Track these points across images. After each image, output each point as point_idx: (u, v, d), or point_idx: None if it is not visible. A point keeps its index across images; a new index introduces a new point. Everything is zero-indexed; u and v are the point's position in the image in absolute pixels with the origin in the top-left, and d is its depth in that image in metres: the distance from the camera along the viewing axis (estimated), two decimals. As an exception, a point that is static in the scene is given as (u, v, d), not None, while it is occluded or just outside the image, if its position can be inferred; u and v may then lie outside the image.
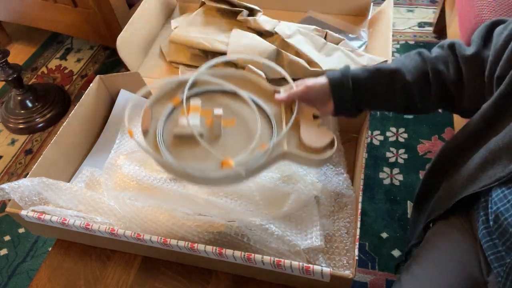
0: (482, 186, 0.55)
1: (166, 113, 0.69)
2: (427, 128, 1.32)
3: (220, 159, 0.60)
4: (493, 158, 0.55)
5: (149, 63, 1.07)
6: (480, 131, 0.59)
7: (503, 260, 0.52)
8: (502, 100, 0.55)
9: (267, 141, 0.65)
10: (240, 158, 0.61)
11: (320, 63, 0.88)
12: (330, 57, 0.90)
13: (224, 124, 0.67)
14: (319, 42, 0.92)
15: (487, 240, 0.55)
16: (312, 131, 0.66)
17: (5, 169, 1.41)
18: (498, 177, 0.53)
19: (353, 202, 0.72)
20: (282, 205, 0.70)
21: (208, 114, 0.68)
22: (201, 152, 0.63)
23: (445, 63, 0.63)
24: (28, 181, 0.69)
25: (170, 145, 0.65)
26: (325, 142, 0.65)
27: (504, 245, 0.52)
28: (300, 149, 0.65)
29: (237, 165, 0.60)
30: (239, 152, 0.63)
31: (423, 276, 0.59)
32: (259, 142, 0.64)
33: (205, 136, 0.66)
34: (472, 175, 0.58)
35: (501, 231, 0.52)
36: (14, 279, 1.13)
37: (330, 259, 0.64)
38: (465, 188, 0.58)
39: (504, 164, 0.53)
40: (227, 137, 0.66)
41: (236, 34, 0.96)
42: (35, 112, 1.52)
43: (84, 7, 1.43)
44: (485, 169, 0.56)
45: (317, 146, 0.64)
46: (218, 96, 0.72)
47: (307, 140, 0.65)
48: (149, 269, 0.71)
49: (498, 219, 0.53)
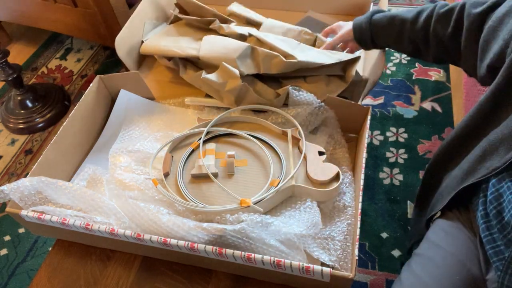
0: (479, 177, 0.56)
1: (185, 157, 0.78)
2: (427, 128, 1.33)
3: (235, 196, 0.68)
4: (491, 150, 0.56)
5: (149, 63, 1.07)
6: (479, 124, 0.60)
7: (502, 255, 0.52)
8: (499, 92, 0.56)
9: (277, 177, 0.72)
10: (256, 197, 0.68)
11: (295, 55, 0.86)
12: (304, 52, 0.89)
13: (237, 164, 0.75)
14: (293, 43, 0.91)
15: (486, 235, 0.55)
16: (318, 166, 0.72)
17: (5, 169, 1.41)
18: (495, 167, 0.54)
19: (353, 202, 0.72)
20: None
21: (222, 156, 0.77)
22: (216, 189, 0.72)
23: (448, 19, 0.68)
24: (27, 181, 0.69)
25: (189, 184, 0.74)
26: (330, 176, 0.70)
27: (503, 239, 0.53)
28: (308, 182, 0.71)
29: (253, 202, 0.67)
30: (250, 187, 0.72)
31: (423, 274, 0.59)
32: (271, 180, 0.71)
33: (220, 175, 0.74)
34: (471, 167, 0.59)
35: (502, 224, 0.53)
36: (14, 279, 1.13)
37: (331, 260, 0.64)
38: (464, 180, 0.59)
39: (501, 155, 0.54)
40: (240, 175, 0.75)
41: (207, 38, 0.95)
42: (35, 112, 1.52)
43: (84, 7, 1.43)
44: (484, 161, 0.57)
45: (323, 179, 0.70)
46: (231, 138, 0.82)
47: (313, 174, 0.71)
48: (149, 269, 0.71)
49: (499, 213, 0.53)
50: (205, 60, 0.91)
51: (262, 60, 0.87)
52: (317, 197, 0.71)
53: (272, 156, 0.76)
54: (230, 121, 0.84)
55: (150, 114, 0.91)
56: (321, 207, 0.71)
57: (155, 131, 0.87)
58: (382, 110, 1.39)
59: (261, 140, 0.79)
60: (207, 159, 0.76)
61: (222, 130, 0.81)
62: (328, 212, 0.72)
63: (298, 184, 0.70)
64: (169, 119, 0.90)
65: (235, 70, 0.85)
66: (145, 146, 0.81)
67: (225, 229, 0.61)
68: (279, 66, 0.86)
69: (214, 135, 0.82)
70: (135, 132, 0.87)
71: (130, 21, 1.00)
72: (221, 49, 0.90)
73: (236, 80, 0.84)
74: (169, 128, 0.87)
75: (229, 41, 0.92)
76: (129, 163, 0.77)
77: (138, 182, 0.73)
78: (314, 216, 0.67)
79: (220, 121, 0.83)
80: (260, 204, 0.68)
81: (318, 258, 0.64)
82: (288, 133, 0.79)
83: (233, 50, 0.88)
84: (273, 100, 0.84)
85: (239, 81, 0.84)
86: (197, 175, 0.74)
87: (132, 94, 0.92)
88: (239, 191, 0.71)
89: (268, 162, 0.75)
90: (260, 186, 0.71)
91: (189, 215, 0.69)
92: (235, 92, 0.85)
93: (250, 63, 0.89)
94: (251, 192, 0.70)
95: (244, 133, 0.79)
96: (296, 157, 0.75)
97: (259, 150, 0.77)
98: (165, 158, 0.77)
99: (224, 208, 0.67)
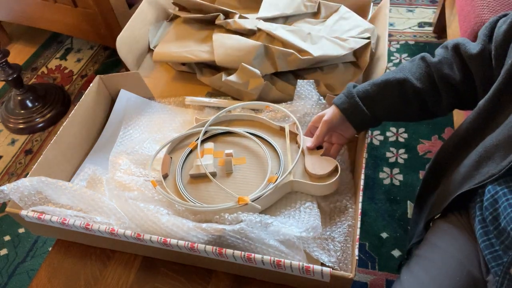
0: (476, 183, 0.56)
1: (183, 157, 0.78)
2: (427, 128, 1.33)
3: (233, 195, 0.67)
4: (487, 156, 0.55)
5: (149, 63, 1.07)
6: (477, 129, 0.59)
7: (500, 260, 0.52)
8: (496, 97, 0.55)
9: (275, 173, 0.72)
10: (254, 194, 0.68)
11: (309, 50, 0.87)
12: (316, 44, 0.90)
13: (235, 162, 0.75)
14: (302, 33, 0.91)
15: (483, 240, 0.55)
16: (316, 160, 0.71)
17: (5, 169, 1.41)
18: (491, 173, 0.54)
19: (353, 202, 0.72)
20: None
21: (220, 154, 0.77)
22: (214, 188, 0.72)
23: (450, 66, 0.64)
24: (27, 181, 0.69)
25: (188, 184, 0.74)
26: (328, 169, 0.69)
27: (500, 244, 0.52)
28: (306, 177, 0.70)
29: (251, 200, 0.66)
30: (248, 185, 0.71)
31: (423, 276, 0.59)
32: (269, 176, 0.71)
33: (218, 174, 0.74)
34: (468, 172, 0.58)
35: (499, 230, 0.53)
36: (14, 279, 1.13)
37: (330, 262, 0.64)
38: (461, 185, 0.59)
39: (497, 162, 0.54)
40: (238, 173, 0.74)
41: (218, 39, 0.94)
42: (35, 112, 1.52)
43: (84, 7, 1.43)
44: (480, 167, 0.56)
45: (321, 173, 0.69)
46: (230, 137, 0.81)
47: (311, 169, 0.70)
48: (149, 269, 0.71)
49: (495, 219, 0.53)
50: (222, 65, 0.92)
51: (278, 58, 0.88)
52: (316, 191, 0.70)
53: (270, 153, 0.75)
54: (228, 119, 0.84)
55: (150, 114, 0.91)
56: (322, 205, 0.71)
57: (154, 132, 0.87)
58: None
59: (259, 137, 0.78)
60: (205, 159, 0.75)
61: (219, 128, 0.81)
62: (329, 212, 0.72)
63: (296, 179, 0.70)
64: (169, 119, 0.90)
65: (256, 70, 0.86)
66: (144, 148, 0.81)
67: (224, 230, 0.61)
68: (295, 63, 0.88)
69: (212, 134, 0.81)
70: (134, 132, 0.87)
71: (131, 21, 1.00)
72: (236, 52, 0.90)
73: (258, 79, 0.85)
74: (169, 128, 0.87)
75: (241, 42, 0.92)
76: (129, 166, 0.77)
77: (138, 183, 0.73)
78: (315, 219, 0.66)
79: (218, 120, 0.83)
80: (259, 201, 0.68)
81: (318, 258, 0.64)
82: (285, 128, 0.78)
83: (248, 51, 0.89)
84: (293, 95, 0.85)
85: (262, 80, 0.85)
86: (196, 175, 0.74)
87: (132, 94, 0.92)
88: (237, 189, 0.71)
89: (266, 159, 0.74)
90: (258, 183, 0.71)
91: (188, 216, 0.69)
92: (257, 90, 0.86)
93: (267, 62, 0.89)
94: (250, 190, 0.70)
95: (242, 131, 0.79)
96: (294, 152, 0.75)
97: (257, 147, 0.77)
98: (164, 159, 0.77)
99: (222, 206, 0.67)
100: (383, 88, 0.67)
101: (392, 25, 1.68)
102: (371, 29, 0.93)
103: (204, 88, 0.97)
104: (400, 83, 0.66)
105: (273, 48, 0.88)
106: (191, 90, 0.96)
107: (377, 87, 0.67)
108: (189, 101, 0.92)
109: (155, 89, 0.96)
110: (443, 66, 0.64)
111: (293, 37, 0.90)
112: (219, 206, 0.67)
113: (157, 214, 0.65)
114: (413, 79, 0.65)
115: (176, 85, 1.00)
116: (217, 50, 0.92)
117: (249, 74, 0.86)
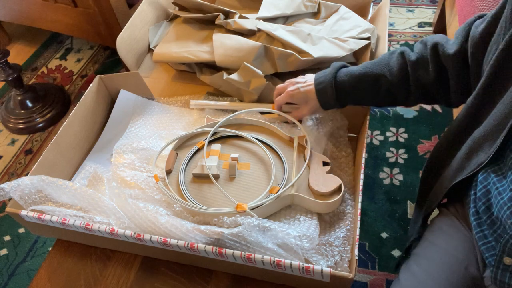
0: (467, 173, 0.57)
1: (189, 155, 0.77)
2: (427, 128, 1.33)
3: (232, 200, 0.67)
4: (476, 147, 0.57)
5: (149, 63, 1.07)
6: (466, 124, 0.61)
7: (494, 250, 0.53)
8: (483, 92, 0.57)
9: (278, 184, 0.71)
10: (254, 202, 0.67)
11: (309, 51, 0.87)
12: (317, 45, 0.90)
13: (239, 167, 0.75)
14: (302, 34, 0.91)
15: (477, 232, 0.56)
16: (320, 177, 0.70)
17: (5, 169, 1.41)
18: (480, 162, 0.55)
19: (353, 202, 0.72)
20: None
21: (226, 157, 0.76)
22: (215, 190, 0.72)
23: (426, 66, 0.66)
24: (27, 179, 0.69)
25: (190, 183, 0.74)
26: (331, 188, 0.68)
27: (493, 234, 0.53)
28: (308, 193, 0.69)
29: (250, 208, 0.66)
30: (249, 192, 0.71)
31: (421, 274, 0.59)
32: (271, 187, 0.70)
33: (221, 177, 0.74)
34: (459, 165, 0.60)
35: (492, 220, 0.54)
36: (14, 279, 1.13)
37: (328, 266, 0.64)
38: (453, 177, 0.60)
39: (485, 151, 0.55)
40: (241, 178, 0.74)
41: (218, 39, 0.94)
42: (35, 112, 1.52)
43: (84, 7, 1.43)
44: (471, 157, 0.58)
45: (324, 191, 0.68)
46: (238, 141, 0.80)
47: (314, 185, 0.69)
48: (149, 269, 0.71)
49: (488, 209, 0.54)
50: (222, 65, 0.91)
51: (278, 59, 0.88)
52: (316, 208, 0.69)
53: (275, 162, 0.74)
54: (239, 123, 0.83)
55: (150, 114, 0.91)
56: (321, 214, 0.71)
57: (161, 129, 0.87)
58: (382, 110, 1.39)
59: (267, 145, 0.77)
60: (210, 160, 0.75)
61: (229, 131, 0.80)
62: (328, 219, 0.71)
63: (298, 193, 0.69)
64: (169, 119, 0.90)
65: (258, 70, 0.86)
66: (150, 143, 0.80)
67: (223, 233, 0.61)
68: (295, 64, 0.88)
69: (221, 136, 0.81)
70: (141, 129, 0.87)
71: (131, 21, 1.00)
72: (236, 53, 0.90)
73: (260, 79, 0.85)
74: (175, 126, 0.87)
75: (241, 42, 0.92)
76: (133, 160, 0.77)
77: (140, 180, 0.73)
78: (315, 230, 0.66)
79: (228, 122, 0.82)
80: (257, 210, 0.67)
81: (316, 264, 0.63)
82: (294, 140, 0.77)
83: (248, 52, 0.89)
84: None
85: (264, 80, 0.85)
86: (199, 175, 0.74)
87: (132, 94, 0.92)
88: (238, 195, 0.70)
89: (271, 168, 0.73)
90: (260, 191, 0.70)
91: (187, 216, 0.69)
92: (259, 90, 0.86)
93: (267, 63, 0.89)
94: (251, 197, 0.69)
95: (251, 136, 0.78)
96: (299, 165, 0.73)
97: (264, 155, 0.76)
98: (170, 155, 0.76)
99: (220, 211, 0.66)
100: (358, 82, 0.70)
101: (392, 25, 1.68)
102: (371, 29, 0.93)
103: (204, 88, 0.97)
104: (376, 79, 0.69)
105: (273, 49, 0.88)
106: (191, 90, 0.96)
107: (354, 79, 0.70)
108: (193, 105, 0.90)
109: (155, 89, 0.96)
110: (419, 66, 0.66)
111: (293, 38, 0.90)
112: (217, 210, 0.67)
113: (156, 214, 0.65)
114: (389, 75, 0.68)
115: (176, 85, 1.00)
116: (217, 50, 0.92)
117: (251, 74, 0.86)
